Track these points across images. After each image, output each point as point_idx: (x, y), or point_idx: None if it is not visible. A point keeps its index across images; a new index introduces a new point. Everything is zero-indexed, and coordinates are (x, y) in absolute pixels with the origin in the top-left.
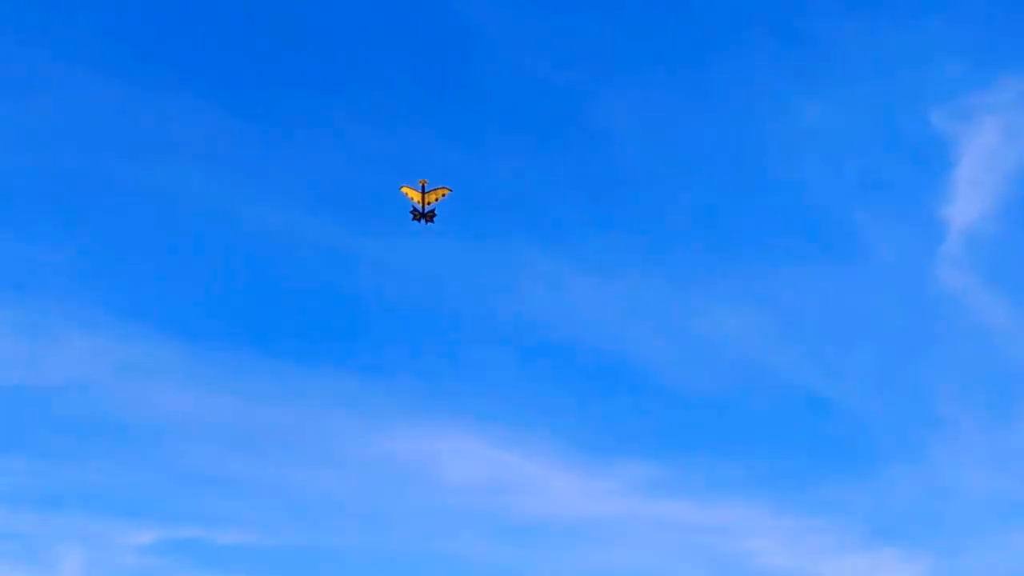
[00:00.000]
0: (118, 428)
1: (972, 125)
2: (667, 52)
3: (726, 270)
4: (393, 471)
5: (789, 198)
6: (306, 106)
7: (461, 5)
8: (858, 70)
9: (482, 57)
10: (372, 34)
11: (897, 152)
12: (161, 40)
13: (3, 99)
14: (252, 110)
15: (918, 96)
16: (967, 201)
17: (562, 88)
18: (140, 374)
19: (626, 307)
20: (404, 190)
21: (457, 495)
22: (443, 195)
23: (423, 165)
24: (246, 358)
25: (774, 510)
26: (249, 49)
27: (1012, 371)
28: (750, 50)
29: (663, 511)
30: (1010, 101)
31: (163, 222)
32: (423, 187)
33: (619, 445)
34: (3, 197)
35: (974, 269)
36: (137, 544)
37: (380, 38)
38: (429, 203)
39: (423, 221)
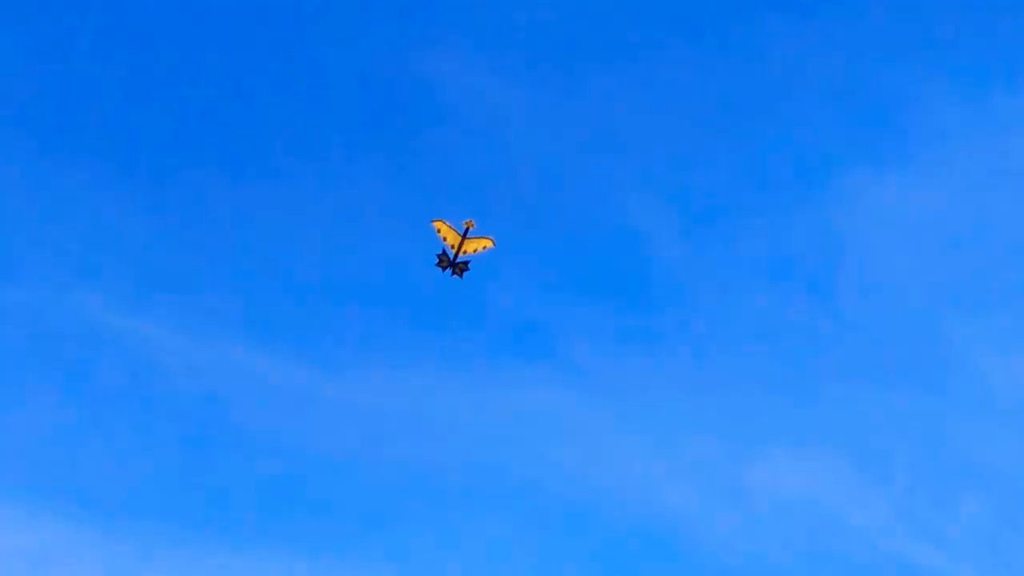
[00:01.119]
0: None
1: None
2: (700, 121)
3: (788, 404)
4: None
5: (866, 310)
6: (235, 192)
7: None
8: (951, 136)
9: (469, 139)
10: (339, 120)
11: (1009, 247)
12: (50, 100)
13: None
14: (161, 199)
15: None
16: None
17: (576, 177)
18: (38, 567)
19: (667, 463)
20: (438, 225)
21: None
22: (484, 248)
23: (391, 271)
24: (173, 540)
25: None
26: (168, 123)
27: None
28: (805, 116)
29: None
30: None
31: (57, 361)
32: (467, 230)
33: None
34: None
35: None
36: None
37: (349, 123)
38: (465, 252)
39: (450, 272)
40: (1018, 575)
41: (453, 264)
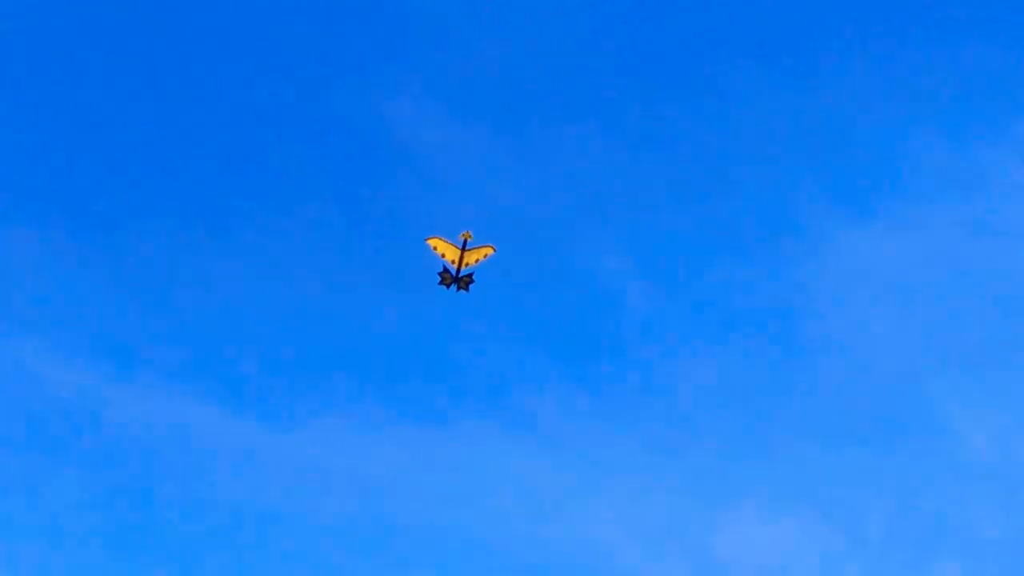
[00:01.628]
0: None
1: None
2: (670, 173)
3: (758, 463)
4: None
5: (840, 365)
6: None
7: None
8: (928, 189)
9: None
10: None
11: (989, 302)
12: None
13: None
14: (108, 247)
15: (1013, 223)
16: None
17: (541, 227)
18: None
19: (633, 524)
20: (433, 243)
21: None
22: (485, 256)
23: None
24: None
25: None
26: (118, 168)
27: None
28: (778, 168)
29: None
30: None
31: None
32: (465, 242)
33: None
34: None
35: None
36: None
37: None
38: (467, 265)
39: (455, 288)
40: None
41: (457, 279)
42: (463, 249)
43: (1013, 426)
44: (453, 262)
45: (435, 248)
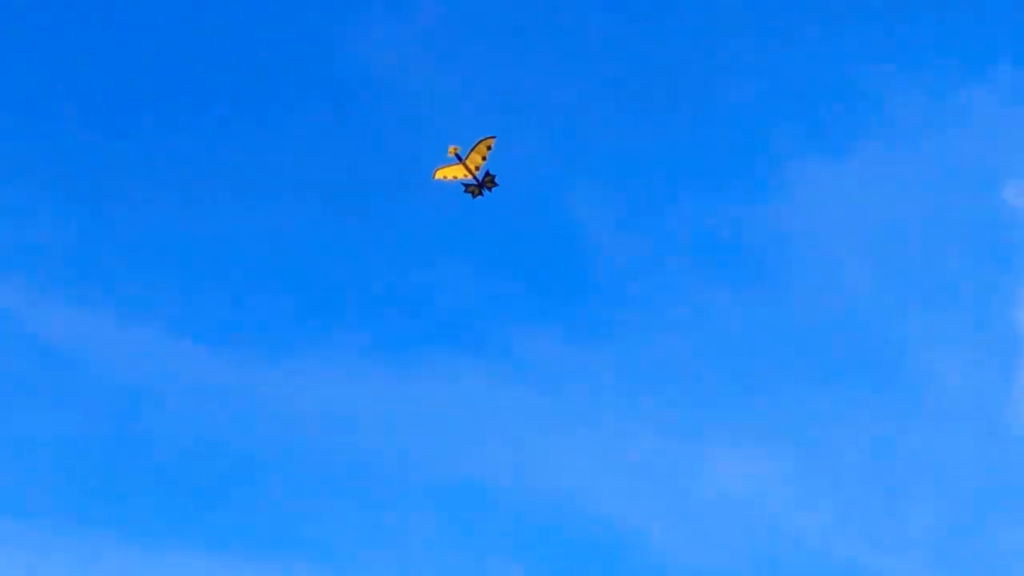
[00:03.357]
0: None
1: None
2: (643, 108)
3: (737, 406)
4: None
5: (816, 305)
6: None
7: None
8: (902, 129)
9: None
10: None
11: (960, 242)
12: None
13: None
14: (83, 186)
15: (986, 165)
16: None
17: (512, 164)
18: None
19: (609, 461)
20: (441, 175)
21: None
22: (489, 148)
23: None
24: (81, 538)
25: None
26: (91, 106)
27: None
28: (754, 105)
29: None
30: None
31: None
32: (458, 155)
33: None
34: None
35: None
36: None
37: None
38: (478, 167)
39: (487, 191)
40: None
41: (481, 184)
42: (464, 160)
43: (984, 365)
44: (467, 175)
45: (445, 177)
